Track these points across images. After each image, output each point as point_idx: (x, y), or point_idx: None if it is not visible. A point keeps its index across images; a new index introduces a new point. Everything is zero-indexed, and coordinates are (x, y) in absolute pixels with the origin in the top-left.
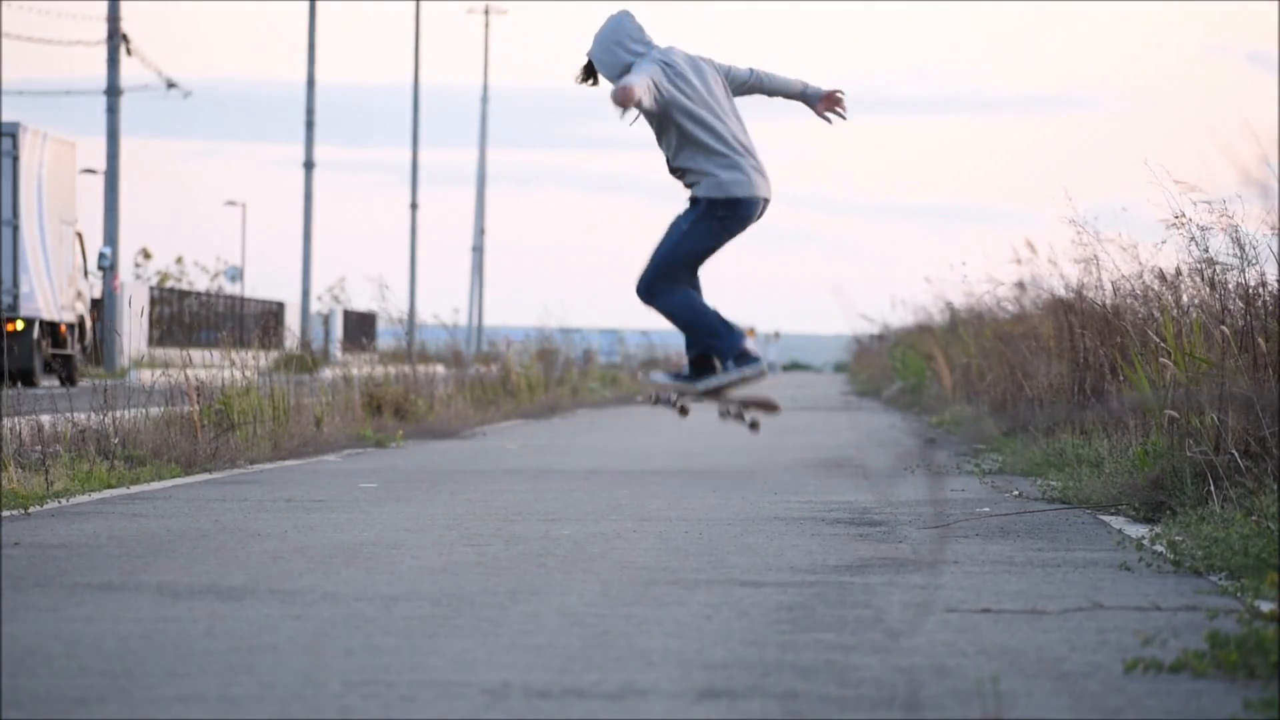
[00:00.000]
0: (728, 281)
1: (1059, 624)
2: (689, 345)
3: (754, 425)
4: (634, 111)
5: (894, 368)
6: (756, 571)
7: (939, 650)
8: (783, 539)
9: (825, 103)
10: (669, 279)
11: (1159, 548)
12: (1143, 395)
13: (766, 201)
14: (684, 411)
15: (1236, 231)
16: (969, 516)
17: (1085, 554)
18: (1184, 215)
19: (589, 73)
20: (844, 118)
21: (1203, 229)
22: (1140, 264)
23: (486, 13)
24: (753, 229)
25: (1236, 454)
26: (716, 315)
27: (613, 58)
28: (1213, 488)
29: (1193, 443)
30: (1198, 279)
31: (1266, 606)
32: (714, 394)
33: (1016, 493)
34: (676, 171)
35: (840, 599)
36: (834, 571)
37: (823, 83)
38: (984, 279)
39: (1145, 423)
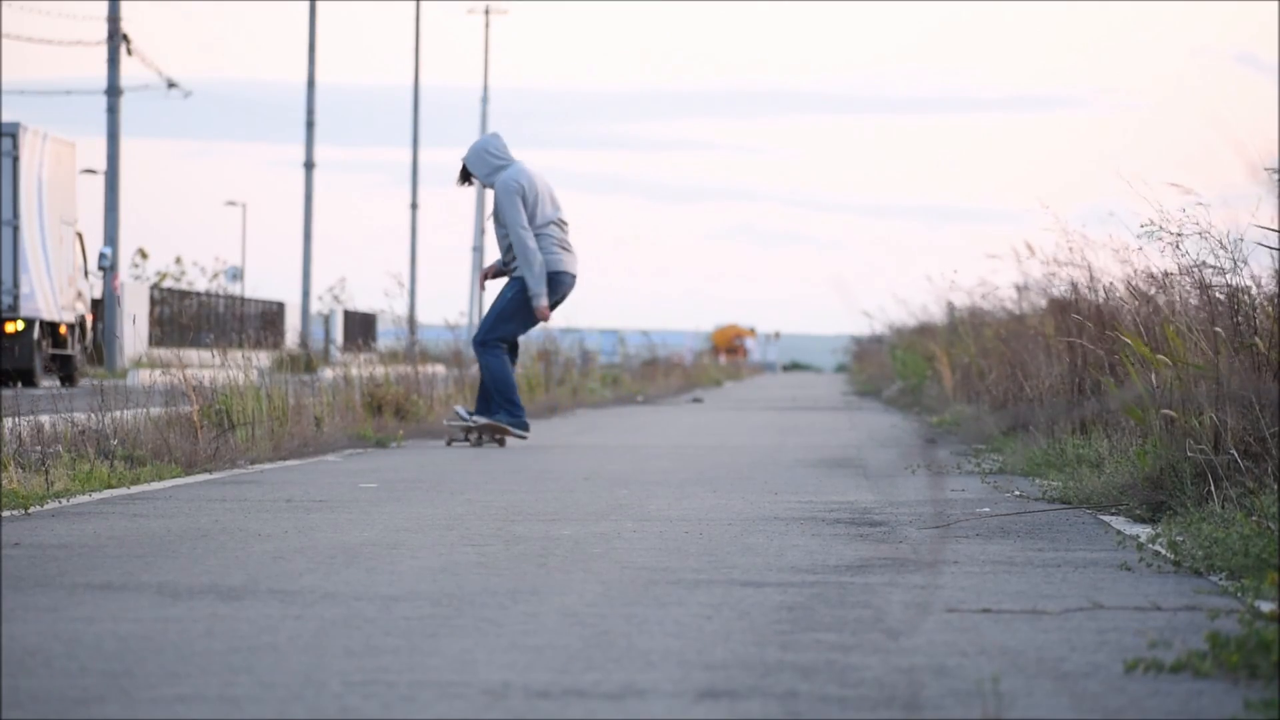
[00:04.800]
0: (729, 282)
1: (1059, 624)
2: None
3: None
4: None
5: (895, 368)
6: (756, 571)
7: (939, 650)
8: (783, 539)
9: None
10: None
11: (1159, 548)
12: (1134, 396)
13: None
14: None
15: (1228, 234)
16: (969, 516)
17: (1085, 554)
18: (1168, 220)
19: (464, 176)
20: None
21: (1183, 235)
22: (1132, 267)
23: (486, 13)
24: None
25: (1236, 454)
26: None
27: (485, 166)
28: (1213, 487)
29: (1192, 442)
30: (1186, 281)
31: (1267, 606)
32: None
33: (1016, 492)
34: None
35: (840, 599)
36: (834, 571)
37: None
38: (982, 279)
39: (1143, 423)
